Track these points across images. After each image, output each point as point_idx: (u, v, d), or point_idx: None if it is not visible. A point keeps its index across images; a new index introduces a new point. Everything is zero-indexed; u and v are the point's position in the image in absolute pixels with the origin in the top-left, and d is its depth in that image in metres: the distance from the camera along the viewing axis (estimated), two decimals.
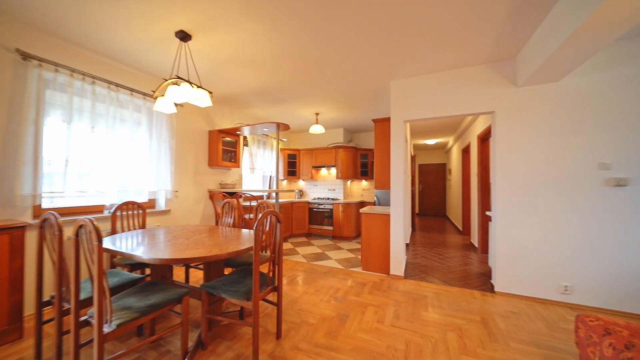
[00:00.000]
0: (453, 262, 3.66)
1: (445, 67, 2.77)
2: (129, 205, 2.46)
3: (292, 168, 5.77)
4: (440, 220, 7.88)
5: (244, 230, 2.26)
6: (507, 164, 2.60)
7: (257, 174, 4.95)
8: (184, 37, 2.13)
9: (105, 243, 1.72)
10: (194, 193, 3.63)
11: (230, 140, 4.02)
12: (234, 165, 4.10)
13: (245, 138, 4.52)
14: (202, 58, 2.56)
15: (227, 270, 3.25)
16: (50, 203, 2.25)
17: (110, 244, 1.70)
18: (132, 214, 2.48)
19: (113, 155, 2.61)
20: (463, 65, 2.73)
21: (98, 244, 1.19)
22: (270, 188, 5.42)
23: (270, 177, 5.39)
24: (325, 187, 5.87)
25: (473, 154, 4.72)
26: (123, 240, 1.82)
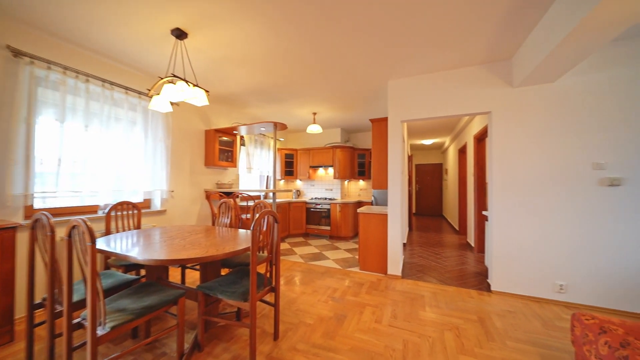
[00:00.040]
0: (450, 261, 3.67)
1: (443, 67, 2.77)
2: (124, 206, 2.43)
3: (289, 168, 5.75)
4: (437, 220, 7.92)
5: (241, 231, 2.25)
6: (503, 164, 2.62)
7: (254, 174, 4.92)
8: (180, 35, 2.11)
9: (99, 244, 1.69)
10: (190, 193, 3.60)
11: (227, 140, 3.99)
12: (231, 165, 4.07)
13: (242, 138, 4.49)
14: (198, 56, 2.53)
15: (224, 271, 3.23)
16: (43, 203, 2.21)
17: (105, 245, 1.67)
18: (127, 214, 2.45)
19: (107, 155, 2.57)
20: (460, 66, 2.74)
21: (91, 245, 1.16)
22: (268, 188, 5.39)
23: (268, 176, 5.37)
24: (323, 187, 5.86)
25: (469, 154, 4.75)
26: (117, 241, 1.79)
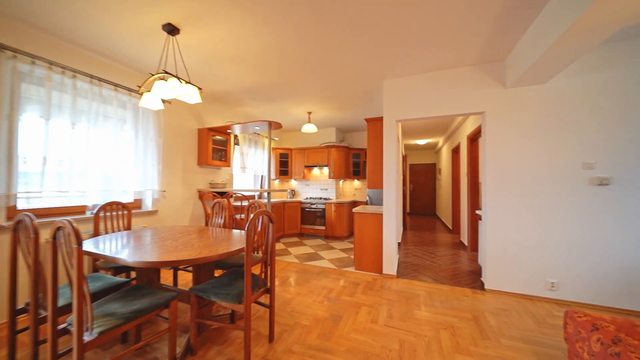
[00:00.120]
0: (444, 260, 3.71)
1: (437, 67, 2.79)
2: (113, 206, 2.36)
3: (284, 167, 5.71)
4: (431, 220, 8.00)
5: (235, 231, 2.21)
6: (497, 164, 2.65)
7: (248, 174, 4.86)
8: (172, 30, 2.05)
9: (87, 245, 1.62)
10: (183, 193, 3.52)
11: (221, 139, 3.93)
12: (225, 165, 4.01)
13: (236, 137, 4.43)
14: (190, 53, 2.48)
15: (217, 272, 3.17)
16: (27, 204, 2.12)
17: (93, 247, 1.61)
18: (116, 215, 2.38)
19: (96, 154, 2.49)
20: (454, 66, 2.76)
21: (77, 247, 1.11)
22: (262, 188, 5.34)
23: (262, 176, 5.32)
24: (318, 186, 5.84)
25: (463, 154, 4.80)
26: (106, 242, 1.73)
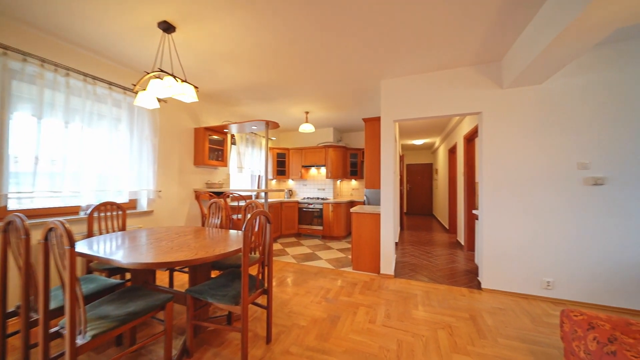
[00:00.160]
0: (441, 260, 3.72)
1: (435, 67, 2.80)
2: (108, 206, 2.32)
3: (281, 167, 5.69)
4: (428, 219, 8.04)
5: (232, 232, 2.18)
6: (493, 164, 2.66)
7: (245, 173, 4.83)
8: (167, 28, 2.03)
9: (81, 247, 1.59)
10: (179, 193, 3.49)
11: (218, 139, 3.90)
12: (221, 164, 3.97)
13: (233, 136, 4.40)
14: (187, 51, 2.45)
15: (214, 273, 3.14)
16: (18, 204, 2.07)
17: (86, 248, 1.57)
18: (111, 216, 2.34)
19: (90, 153, 2.45)
20: (451, 67, 2.77)
21: (70, 249, 1.09)
22: (259, 188, 5.31)
23: (259, 176, 5.29)
24: (315, 186, 5.83)
25: (459, 154, 4.83)
26: (100, 243, 1.70)
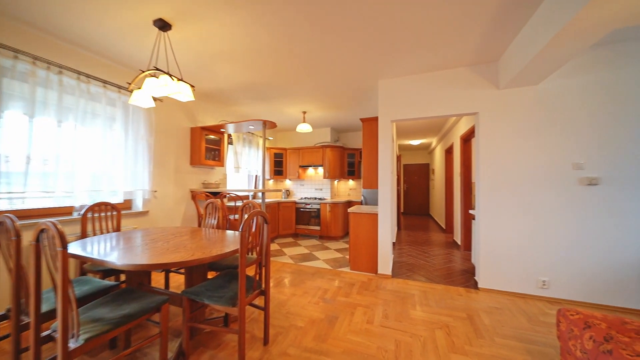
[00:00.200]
0: (438, 259, 3.74)
1: (432, 68, 2.80)
2: (102, 207, 2.28)
3: (278, 167, 5.66)
4: (424, 219, 8.08)
5: (229, 232, 2.16)
6: (490, 164, 2.67)
7: (242, 173, 4.80)
8: (163, 26, 2.00)
9: (74, 248, 1.56)
10: (175, 193, 3.45)
11: (214, 138, 3.86)
12: (218, 164, 3.94)
13: (230, 136, 4.36)
14: (183, 50, 2.42)
15: (210, 274, 3.11)
16: (9, 205, 2.02)
17: (80, 249, 1.54)
18: (105, 216, 2.30)
19: (84, 153, 2.40)
20: (449, 67, 2.78)
21: (62, 250, 1.06)
22: (256, 188, 5.28)
23: (256, 176, 5.26)
24: (313, 186, 5.82)
25: (456, 155, 4.85)
26: (94, 245, 1.67)
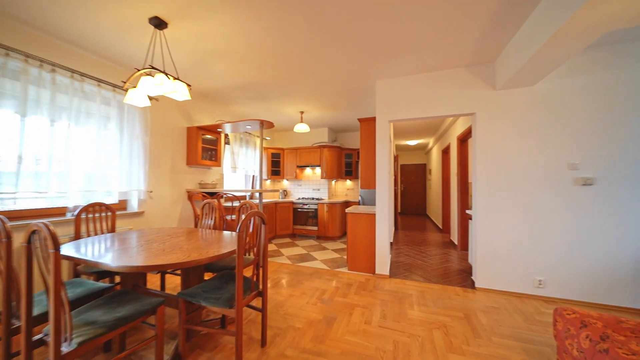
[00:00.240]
0: (435, 259, 3.75)
1: (429, 68, 2.81)
2: (96, 207, 2.25)
3: (275, 167, 5.64)
4: (421, 219, 8.11)
5: (226, 233, 2.14)
6: (487, 164, 2.69)
7: (239, 174, 4.77)
8: (159, 24, 1.97)
9: (67, 249, 1.53)
10: (171, 193, 3.41)
11: (211, 138, 3.83)
12: (215, 164, 3.91)
13: (227, 136, 4.33)
14: (179, 48, 2.39)
15: (207, 276, 3.08)
16: (0, 205, 1.98)
17: (73, 251, 1.52)
18: (99, 217, 2.26)
19: (77, 153, 2.36)
20: (446, 67, 2.79)
21: (54, 252, 1.04)
22: (254, 188, 5.25)
23: (253, 176, 5.23)
24: (310, 186, 5.80)
25: (453, 155, 4.88)
26: (89, 246, 1.64)
